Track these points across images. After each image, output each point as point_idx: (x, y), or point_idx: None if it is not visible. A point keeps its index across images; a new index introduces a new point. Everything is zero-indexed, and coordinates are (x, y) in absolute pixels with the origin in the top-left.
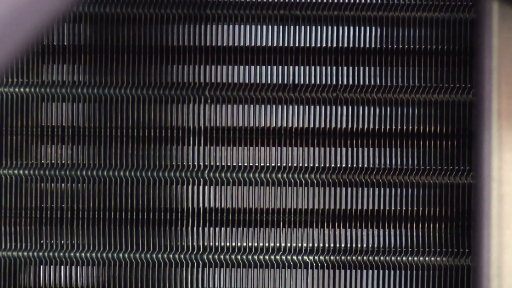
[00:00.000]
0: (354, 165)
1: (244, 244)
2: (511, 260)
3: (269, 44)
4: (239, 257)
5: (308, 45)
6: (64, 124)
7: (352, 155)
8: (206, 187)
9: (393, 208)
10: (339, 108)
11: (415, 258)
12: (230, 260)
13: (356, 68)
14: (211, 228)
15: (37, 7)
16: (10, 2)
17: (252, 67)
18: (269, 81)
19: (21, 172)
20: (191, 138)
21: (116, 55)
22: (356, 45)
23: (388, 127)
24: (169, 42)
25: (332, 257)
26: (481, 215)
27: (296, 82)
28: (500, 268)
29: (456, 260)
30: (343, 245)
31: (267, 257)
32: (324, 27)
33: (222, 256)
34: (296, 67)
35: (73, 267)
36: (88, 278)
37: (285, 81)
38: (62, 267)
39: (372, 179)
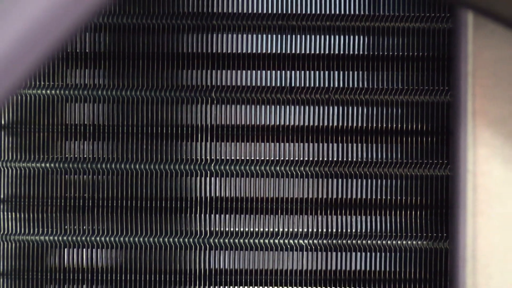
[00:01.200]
0: (344, 159)
1: (246, 229)
2: (484, 243)
3: (269, 51)
4: (241, 240)
5: (303, 52)
6: (86, 123)
7: (343, 150)
8: (212, 179)
9: (379, 197)
10: (331, 108)
11: (399, 242)
12: (233, 244)
13: (346, 72)
14: (216, 215)
15: (65, 17)
16: (42, 15)
17: (254, 71)
18: (268, 84)
19: (47, 165)
20: (199, 135)
21: (132, 61)
22: (346, 52)
23: (374, 125)
24: (179, 49)
25: (324, 241)
26: (457, 203)
27: (293, 85)
28: (474, 251)
29: (435, 244)
30: (334, 230)
31: (266, 240)
32: (318, 36)
33: (226, 240)
34: (293, 72)
35: (93, 249)
36: (107, 260)
37: (283, 84)
38: (84, 249)
39: (360, 171)
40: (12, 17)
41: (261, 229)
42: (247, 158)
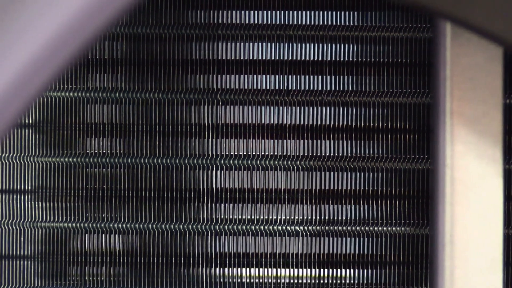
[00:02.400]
0: (336, 154)
1: (248, 217)
2: (460, 230)
3: (268, 57)
4: (244, 227)
5: (299, 58)
6: (104, 121)
7: (334, 146)
8: (218, 172)
9: (366, 188)
10: (323, 108)
11: (384, 228)
12: (237, 230)
13: (337, 76)
14: (222, 204)
15: (88, 26)
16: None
17: (255, 76)
18: (268, 87)
19: (70, 159)
20: (206, 133)
21: (146, 66)
22: (337, 59)
23: (362, 123)
24: (188, 56)
25: (317, 227)
26: (437, 194)
27: (290, 88)
28: (452, 236)
29: (417, 230)
30: (326, 217)
31: (266, 227)
32: (312, 44)
33: (230, 226)
34: (290, 76)
35: (111, 235)
36: (124, 244)
37: (281, 87)
38: (103, 235)
39: (350, 165)
40: (43, 24)
41: (262, 217)
42: (249, 153)
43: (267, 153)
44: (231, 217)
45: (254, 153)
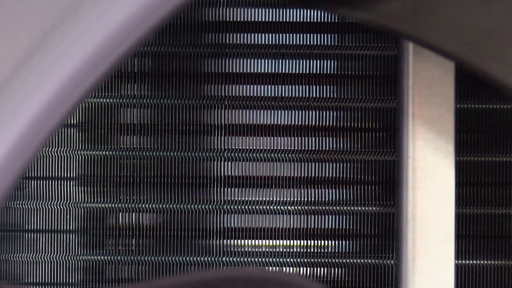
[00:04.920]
0: (320, 148)
1: (250, 198)
2: (420, 209)
3: (265, 71)
4: (246, 207)
5: (290, 72)
6: (134, 122)
7: (318, 142)
8: (225, 162)
9: (345, 175)
10: (310, 112)
11: (359, 208)
12: (241, 209)
13: (320, 86)
14: (229, 188)
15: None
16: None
17: (255, 85)
18: (265, 95)
19: (106, 152)
20: (216, 131)
21: (168, 78)
22: (321, 72)
23: (341, 124)
24: (202, 70)
25: (305, 207)
26: (401, 180)
27: (283, 95)
28: (413, 214)
29: (386, 209)
30: (312, 199)
31: (264, 207)
32: (300, 60)
33: (235, 206)
34: (283, 86)
35: (140, 213)
36: (150, 220)
37: (276, 95)
38: (133, 213)
39: (331, 157)
40: (107, 21)
41: (260, 199)
42: (250, 148)
43: (265, 148)
44: (236, 198)
45: (254, 148)
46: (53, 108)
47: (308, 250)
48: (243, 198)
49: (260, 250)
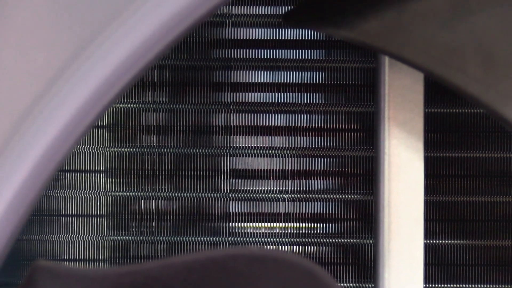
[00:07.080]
0: (310, 146)
1: (251, 188)
2: (394, 197)
3: (264, 81)
4: (248, 195)
5: (285, 81)
6: (154, 124)
7: (309, 140)
8: (231, 158)
9: (330, 169)
10: (302, 115)
11: (342, 196)
12: (243, 197)
13: (311, 94)
14: (233, 180)
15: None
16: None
17: (256, 93)
18: (264, 101)
19: (130, 149)
20: (224, 131)
21: (183, 86)
22: (311, 81)
23: (328, 125)
24: (211, 80)
25: (296, 195)
26: (378, 172)
27: (279, 101)
28: (389, 201)
29: (365, 197)
30: (302, 188)
31: (262, 195)
32: (294, 72)
33: (239, 195)
34: (279, 94)
35: (159, 200)
36: (166, 206)
37: (273, 101)
38: (153, 201)
39: (319, 153)
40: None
41: (260, 188)
42: (252, 145)
43: (264, 145)
44: (240, 188)
45: (255, 145)
46: (86, 112)
47: (300, 232)
48: (245, 188)
49: (259, 231)
